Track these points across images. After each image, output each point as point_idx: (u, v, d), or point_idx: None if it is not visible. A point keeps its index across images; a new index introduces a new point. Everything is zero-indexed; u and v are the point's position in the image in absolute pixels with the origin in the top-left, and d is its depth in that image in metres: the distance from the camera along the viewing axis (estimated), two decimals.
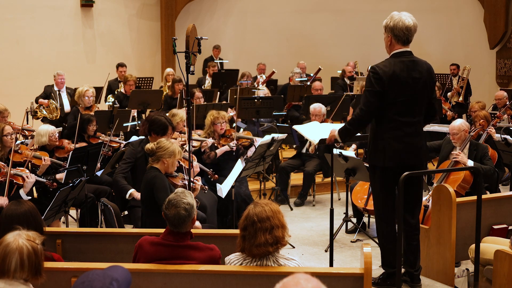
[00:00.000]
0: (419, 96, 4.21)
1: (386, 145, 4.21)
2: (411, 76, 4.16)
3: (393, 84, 4.12)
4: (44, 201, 5.49)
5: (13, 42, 11.57)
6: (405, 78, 4.14)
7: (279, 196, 7.74)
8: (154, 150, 4.90)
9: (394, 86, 4.12)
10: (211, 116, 6.80)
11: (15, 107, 7.90)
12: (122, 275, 2.79)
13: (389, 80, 4.12)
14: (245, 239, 3.33)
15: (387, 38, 4.24)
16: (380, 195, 4.41)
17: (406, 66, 4.17)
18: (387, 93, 4.13)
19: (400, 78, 4.13)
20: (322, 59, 12.88)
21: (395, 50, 4.22)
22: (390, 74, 4.12)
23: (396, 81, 4.12)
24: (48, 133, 6.15)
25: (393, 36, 4.19)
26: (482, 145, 6.24)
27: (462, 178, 5.85)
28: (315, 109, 7.62)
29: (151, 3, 12.98)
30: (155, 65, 13.08)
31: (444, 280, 4.68)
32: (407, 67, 4.17)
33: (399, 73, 4.13)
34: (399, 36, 4.18)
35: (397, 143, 4.19)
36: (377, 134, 4.27)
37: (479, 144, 6.22)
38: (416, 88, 4.18)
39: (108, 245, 4.14)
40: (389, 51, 4.28)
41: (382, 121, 4.23)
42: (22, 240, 2.81)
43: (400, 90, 4.13)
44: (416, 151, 4.26)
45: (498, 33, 13.15)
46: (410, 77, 4.16)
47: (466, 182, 5.89)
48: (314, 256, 5.96)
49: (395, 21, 4.18)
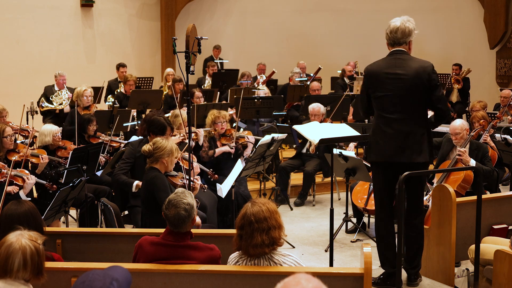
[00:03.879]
0: (402, 93, 4.27)
1: (373, 140, 4.40)
2: (393, 72, 4.30)
3: (374, 80, 4.37)
4: (44, 201, 5.49)
5: (13, 42, 11.57)
6: (386, 74, 4.32)
7: (279, 196, 7.73)
8: (152, 152, 4.88)
9: (374, 81, 4.36)
10: (212, 115, 6.82)
11: (15, 107, 7.90)
12: (122, 275, 2.79)
13: (370, 77, 4.40)
14: (242, 238, 3.33)
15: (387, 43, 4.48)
16: (375, 192, 4.57)
17: (392, 63, 4.34)
18: (370, 89, 4.40)
19: (379, 74, 4.34)
20: (322, 59, 12.87)
21: (390, 50, 4.43)
22: (372, 71, 4.40)
23: (376, 77, 4.36)
24: (52, 132, 6.14)
25: (387, 40, 4.43)
26: (483, 145, 6.25)
27: (462, 178, 5.85)
28: (313, 109, 7.62)
29: (151, 3, 12.98)
30: (155, 65, 13.07)
31: (444, 280, 4.68)
32: (393, 64, 4.33)
33: (381, 70, 4.35)
34: (389, 39, 4.42)
35: (382, 139, 4.33)
36: (372, 130, 4.48)
37: (479, 144, 6.23)
38: (396, 84, 4.27)
39: (108, 245, 4.14)
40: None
41: (375, 118, 4.45)
42: (25, 240, 2.81)
43: (379, 85, 4.33)
44: (402, 148, 4.27)
45: (498, 33, 13.14)
46: (392, 73, 4.30)
47: (467, 182, 5.89)
48: (314, 256, 5.96)
49: (388, 27, 4.42)
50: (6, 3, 11.43)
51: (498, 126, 7.50)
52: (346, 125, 5.38)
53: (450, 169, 5.95)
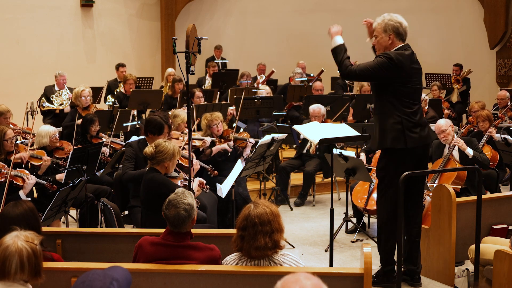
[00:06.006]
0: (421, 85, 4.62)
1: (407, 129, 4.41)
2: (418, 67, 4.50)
3: (408, 69, 4.38)
4: (44, 201, 5.50)
5: (13, 42, 11.56)
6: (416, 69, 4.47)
7: (279, 196, 7.73)
8: (154, 155, 4.87)
9: (410, 71, 4.40)
10: (205, 120, 6.79)
11: (15, 107, 7.90)
12: (122, 275, 2.79)
13: (403, 67, 4.36)
14: (244, 239, 3.32)
15: (387, 37, 4.43)
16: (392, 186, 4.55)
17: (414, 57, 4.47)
18: (400, 78, 4.38)
19: (416, 66, 4.46)
20: (322, 59, 12.82)
21: (397, 45, 4.45)
22: (407, 62, 4.38)
23: (411, 68, 4.40)
24: (49, 134, 6.14)
25: (396, 34, 4.42)
26: (471, 139, 6.38)
27: (455, 175, 5.89)
28: (314, 110, 7.62)
29: (151, 3, 12.98)
30: (155, 65, 13.08)
31: (444, 280, 4.68)
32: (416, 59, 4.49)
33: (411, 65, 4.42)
34: (404, 34, 4.46)
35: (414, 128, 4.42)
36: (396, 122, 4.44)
37: (468, 139, 6.36)
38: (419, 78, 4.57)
39: (108, 245, 4.14)
40: (388, 48, 4.46)
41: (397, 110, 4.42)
42: (21, 242, 2.80)
43: (413, 76, 4.43)
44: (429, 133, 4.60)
45: (498, 33, 13.14)
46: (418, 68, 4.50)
47: (460, 178, 5.92)
48: (314, 256, 5.96)
49: (396, 22, 4.42)
50: (6, 3, 11.43)
51: (499, 126, 7.50)
52: (346, 125, 5.38)
53: (451, 169, 5.96)
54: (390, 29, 4.41)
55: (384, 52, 4.40)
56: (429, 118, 8.75)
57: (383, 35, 4.44)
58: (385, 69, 4.34)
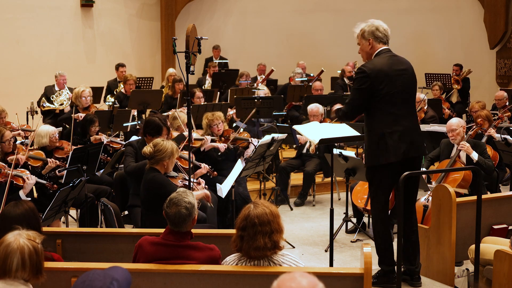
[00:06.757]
0: (406, 88, 4.39)
1: (382, 142, 4.30)
2: (399, 68, 4.38)
3: (383, 77, 4.30)
4: (44, 201, 5.49)
5: (13, 42, 11.57)
6: (395, 70, 4.34)
7: (279, 196, 7.73)
8: (153, 154, 4.88)
9: (384, 78, 4.30)
10: (206, 119, 6.79)
11: (15, 107, 7.90)
12: (122, 275, 2.79)
13: (378, 74, 4.30)
14: (243, 239, 3.32)
15: (366, 42, 4.47)
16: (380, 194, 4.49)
17: (394, 60, 4.40)
18: (378, 86, 4.29)
19: (388, 71, 4.32)
20: (322, 59, 12.88)
21: (378, 49, 4.44)
22: (379, 68, 4.32)
23: (386, 74, 4.31)
24: (49, 134, 6.14)
25: (374, 38, 4.44)
26: (480, 143, 6.27)
27: (462, 177, 5.86)
28: (312, 110, 7.63)
29: (151, 3, 12.98)
30: (155, 65, 13.08)
31: (444, 280, 4.68)
32: (397, 60, 4.41)
33: (389, 67, 4.34)
34: (384, 37, 4.45)
35: (392, 137, 4.28)
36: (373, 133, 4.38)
37: (477, 142, 6.26)
38: (403, 80, 4.37)
39: (108, 245, 4.14)
40: (370, 53, 4.48)
41: (377, 118, 4.35)
42: (23, 239, 2.81)
43: (389, 82, 4.30)
44: (414, 143, 4.36)
45: (498, 33, 13.15)
46: (399, 70, 4.37)
47: (466, 181, 5.89)
48: (314, 256, 5.96)
49: (372, 26, 4.46)
50: (6, 3, 11.43)
51: (499, 126, 7.50)
52: (346, 125, 5.38)
53: (450, 169, 5.95)
54: (367, 34, 4.46)
55: (359, 67, 4.48)
56: (428, 118, 8.76)
57: (363, 41, 4.51)
58: (364, 84, 4.32)
